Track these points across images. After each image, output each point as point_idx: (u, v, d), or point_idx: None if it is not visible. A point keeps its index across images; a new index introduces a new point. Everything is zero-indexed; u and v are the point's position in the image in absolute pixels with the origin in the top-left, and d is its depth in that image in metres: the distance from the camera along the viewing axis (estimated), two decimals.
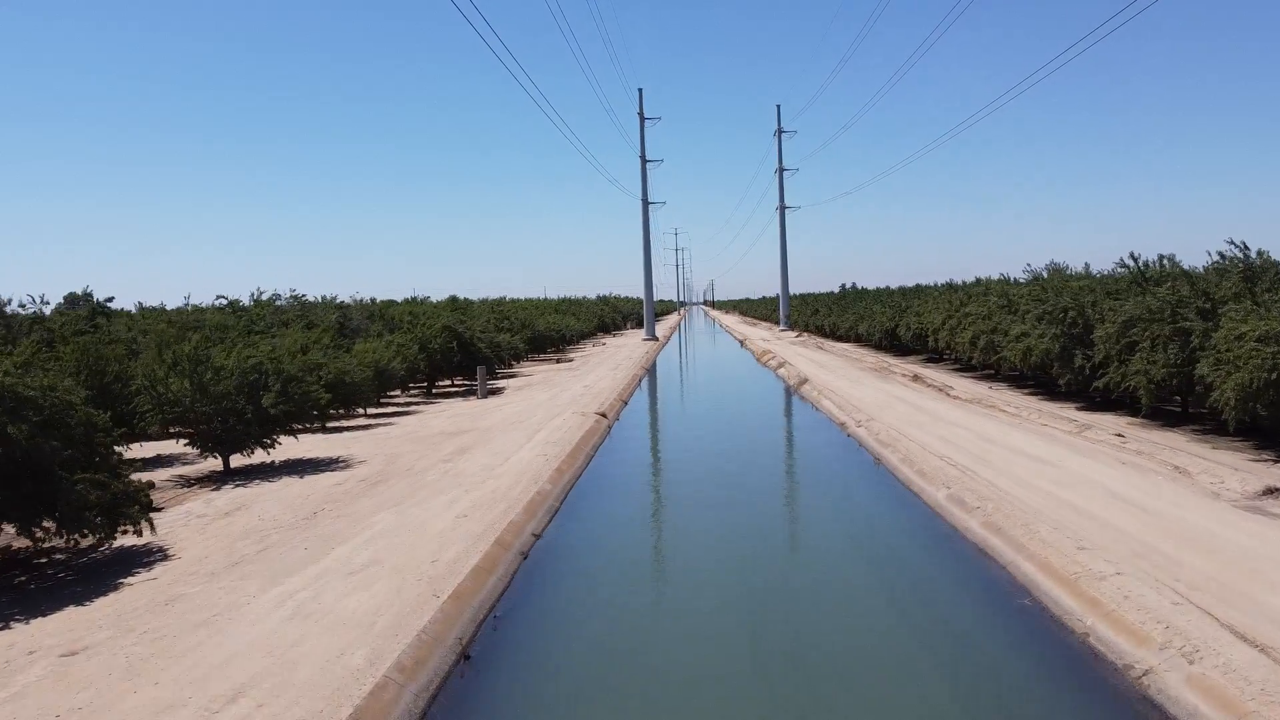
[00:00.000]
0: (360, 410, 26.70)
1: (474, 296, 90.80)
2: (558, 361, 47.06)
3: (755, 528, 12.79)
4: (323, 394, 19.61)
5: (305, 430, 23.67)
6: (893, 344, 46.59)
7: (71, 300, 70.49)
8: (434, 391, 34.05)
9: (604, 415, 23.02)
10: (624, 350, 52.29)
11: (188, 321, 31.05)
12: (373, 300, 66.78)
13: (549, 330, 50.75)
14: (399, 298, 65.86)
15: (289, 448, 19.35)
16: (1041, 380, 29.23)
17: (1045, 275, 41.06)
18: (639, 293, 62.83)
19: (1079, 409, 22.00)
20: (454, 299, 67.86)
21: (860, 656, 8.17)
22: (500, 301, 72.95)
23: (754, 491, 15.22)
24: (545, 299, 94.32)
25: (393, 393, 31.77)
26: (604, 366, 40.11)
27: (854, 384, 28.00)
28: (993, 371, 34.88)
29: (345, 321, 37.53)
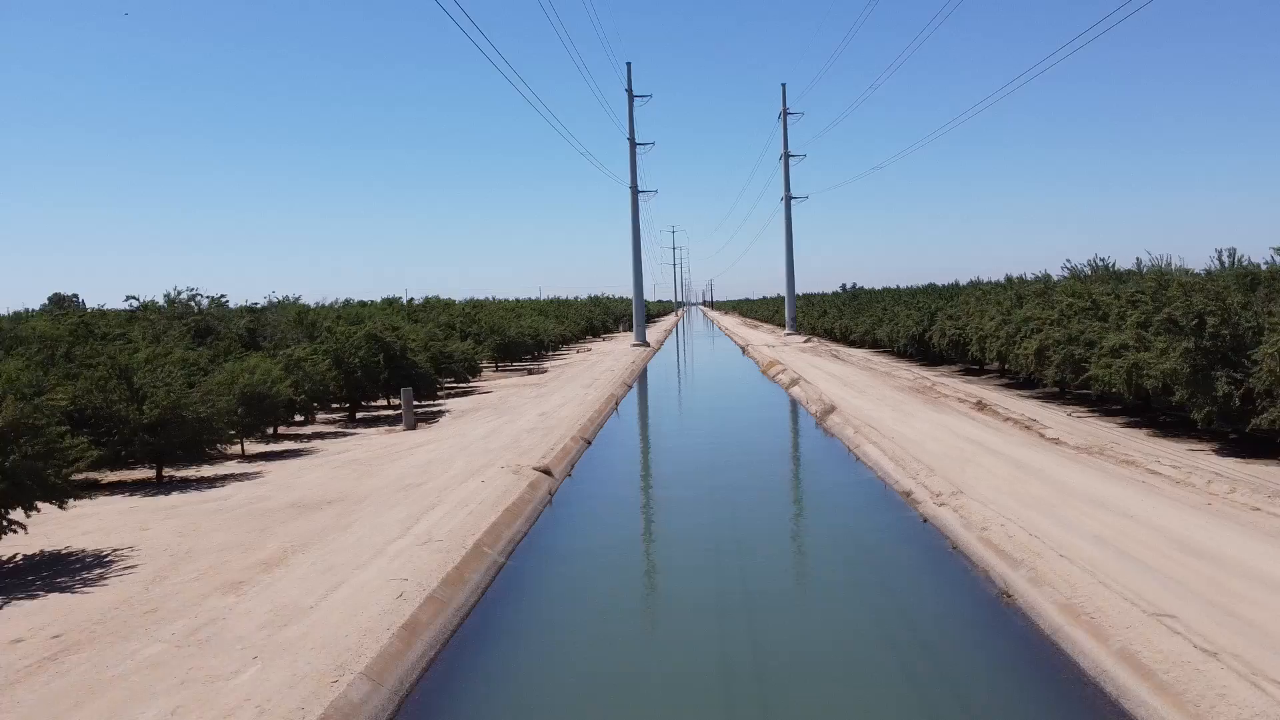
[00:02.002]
0: (228, 449, 19.24)
1: (470, 296, 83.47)
2: (529, 373, 39.51)
3: None
4: (86, 449, 12.17)
5: (117, 489, 16.24)
6: (921, 352, 39.08)
7: (56, 301, 63.20)
8: (358, 416, 26.51)
9: (548, 473, 15.41)
10: (608, 359, 44.69)
11: (20, 332, 23.48)
12: (346, 301, 59.17)
13: (521, 336, 43.18)
14: (378, 298, 58.53)
15: (65, 527, 12.16)
16: (1132, 405, 21.92)
17: (1089, 272, 34.14)
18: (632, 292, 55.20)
19: (1218, 453, 14.74)
20: (428, 299, 60.38)
21: None
22: (478, 302, 65.46)
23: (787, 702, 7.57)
24: (532, 300, 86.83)
25: (297, 420, 24.20)
26: (578, 382, 32.52)
27: (899, 414, 20.41)
28: (1057, 390, 27.62)
29: (258, 328, 30.00)
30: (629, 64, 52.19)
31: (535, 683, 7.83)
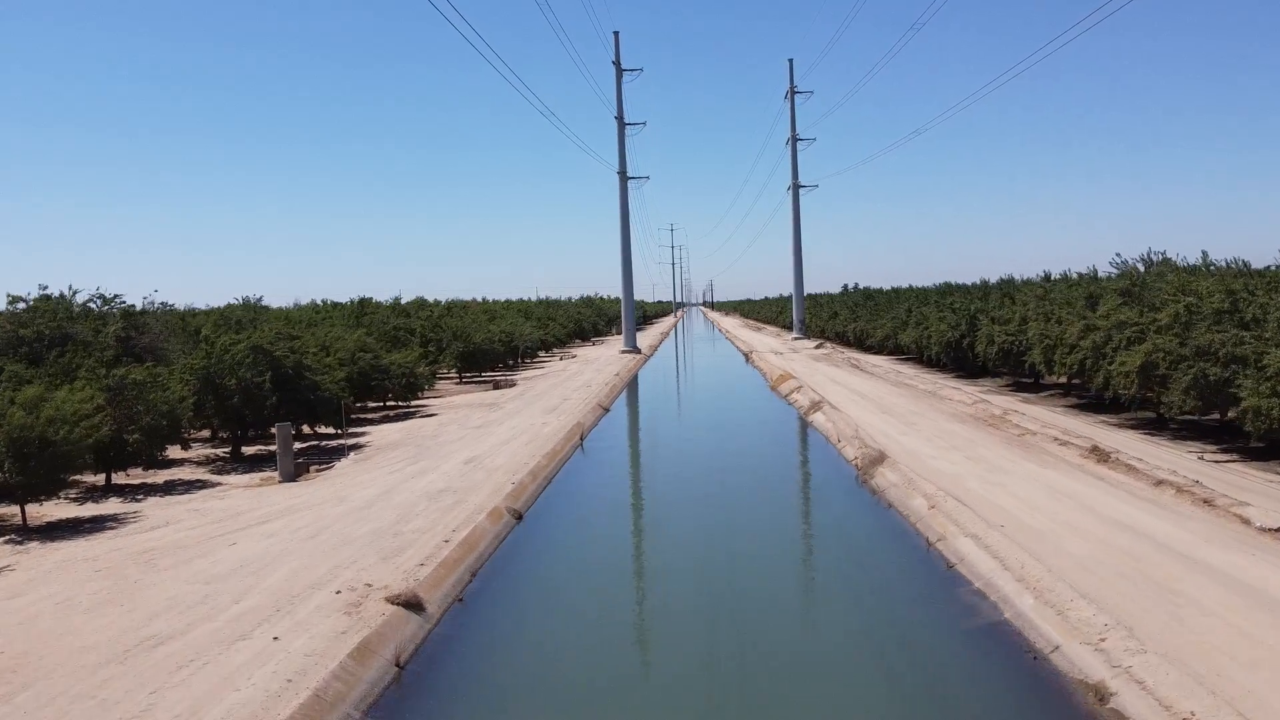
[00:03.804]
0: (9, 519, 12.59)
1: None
2: (495, 386, 32.71)
3: None
4: None
5: None
6: (956, 361, 32.33)
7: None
8: (245, 454, 19.70)
9: (414, 605, 8.51)
10: (589, 369, 37.79)
11: None
12: (322, 302, 52.37)
13: (489, 342, 36.33)
14: (351, 298, 51.84)
15: None
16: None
17: (1142, 269, 27.85)
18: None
19: None
20: (396, 301, 53.69)
21: None
22: (461, 303, 58.70)
23: None
24: (522, 300, 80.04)
25: (133, 467, 17.42)
26: (542, 403, 25.68)
27: (983, 468, 13.57)
28: (1155, 415, 21.11)
29: (133, 337, 23.26)
30: (616, 33, 45.24)
31: None
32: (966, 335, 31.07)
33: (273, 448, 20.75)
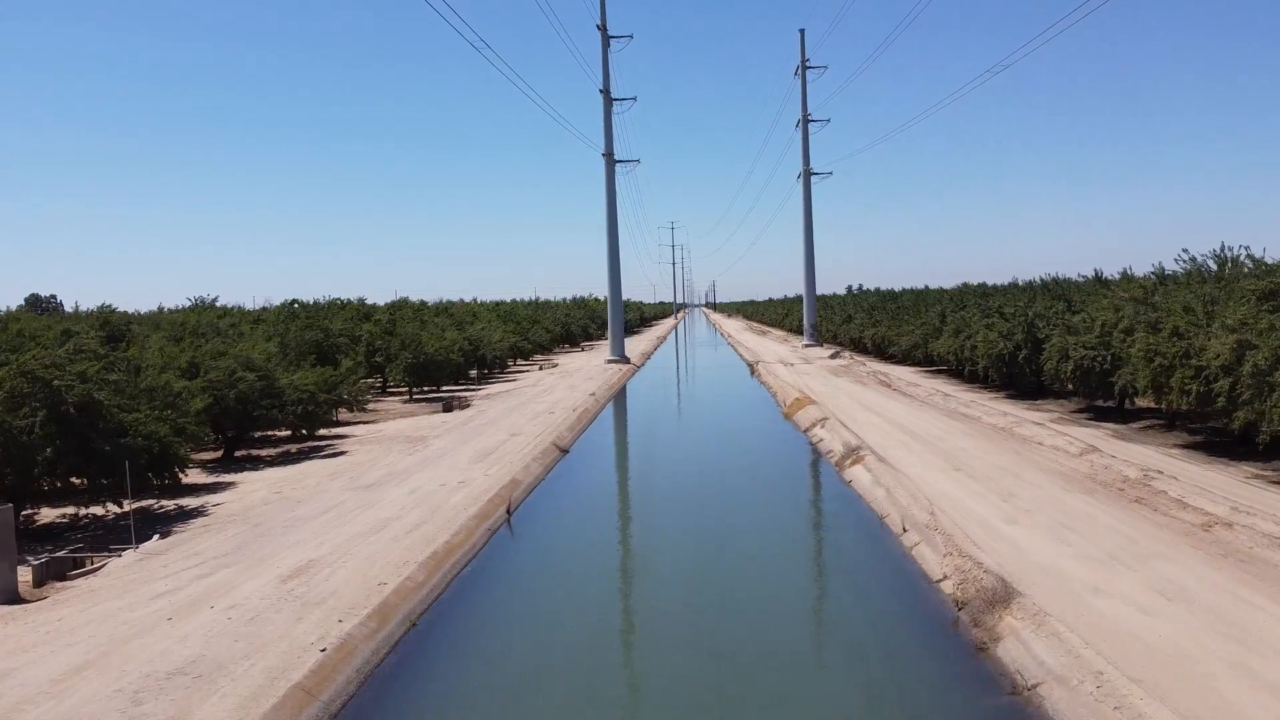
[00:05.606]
0: None
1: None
2: (445, 408, 26.24)
3: None
4: None
5: None
6: (1008, 378, 25.79)
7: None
8: (34, 524, 13.18)
9: None
10: (563, 385, 31.20)
11: None
12: (297, 302, 45.98)
13: (443, 353, 29.82)
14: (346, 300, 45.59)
15: None
16: None
17: (1214, 267, 21.63)
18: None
19: None
20: (364, 302, 47.48)
21: None
22: (428, 307, 52.33)
23: None
24: (513, 301, 73.58)
25: None
26: (481, 440, 19.13)
27: (1203, 625, 7.05)
28: None
29: None
30: None
31: None
32: (1023, 347, 24.60)
33: (97, 510, 14.33)
